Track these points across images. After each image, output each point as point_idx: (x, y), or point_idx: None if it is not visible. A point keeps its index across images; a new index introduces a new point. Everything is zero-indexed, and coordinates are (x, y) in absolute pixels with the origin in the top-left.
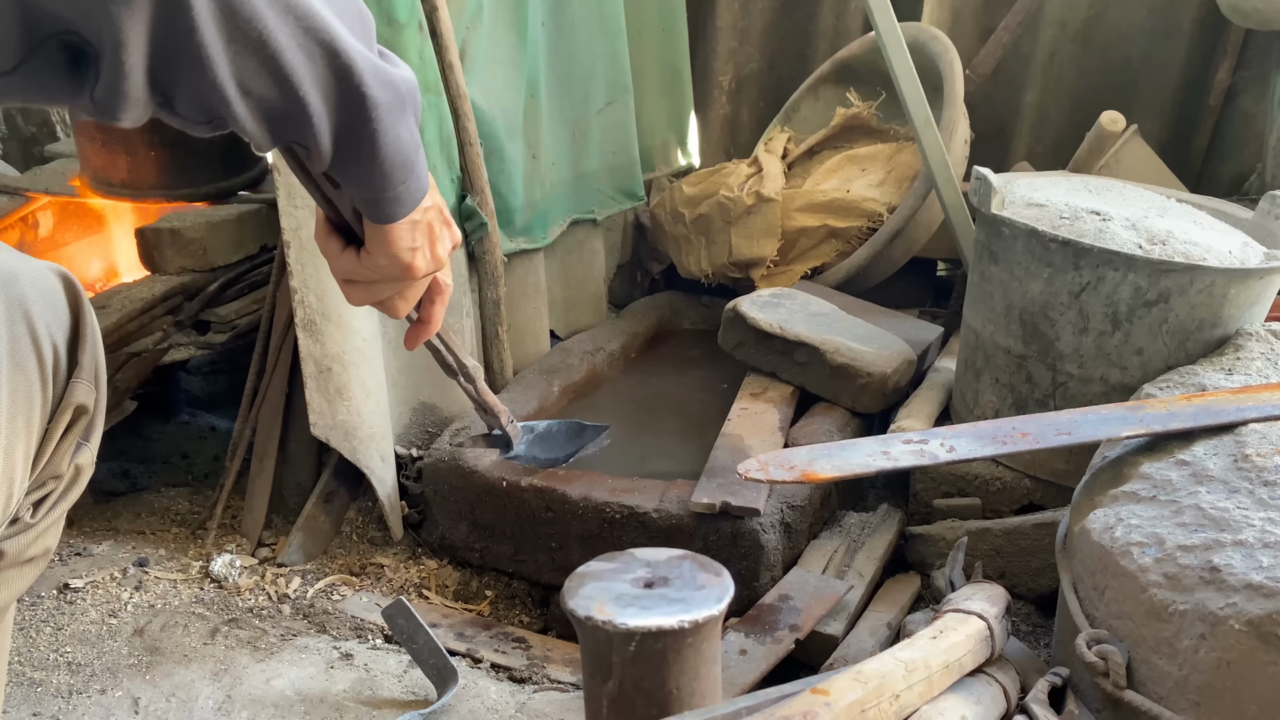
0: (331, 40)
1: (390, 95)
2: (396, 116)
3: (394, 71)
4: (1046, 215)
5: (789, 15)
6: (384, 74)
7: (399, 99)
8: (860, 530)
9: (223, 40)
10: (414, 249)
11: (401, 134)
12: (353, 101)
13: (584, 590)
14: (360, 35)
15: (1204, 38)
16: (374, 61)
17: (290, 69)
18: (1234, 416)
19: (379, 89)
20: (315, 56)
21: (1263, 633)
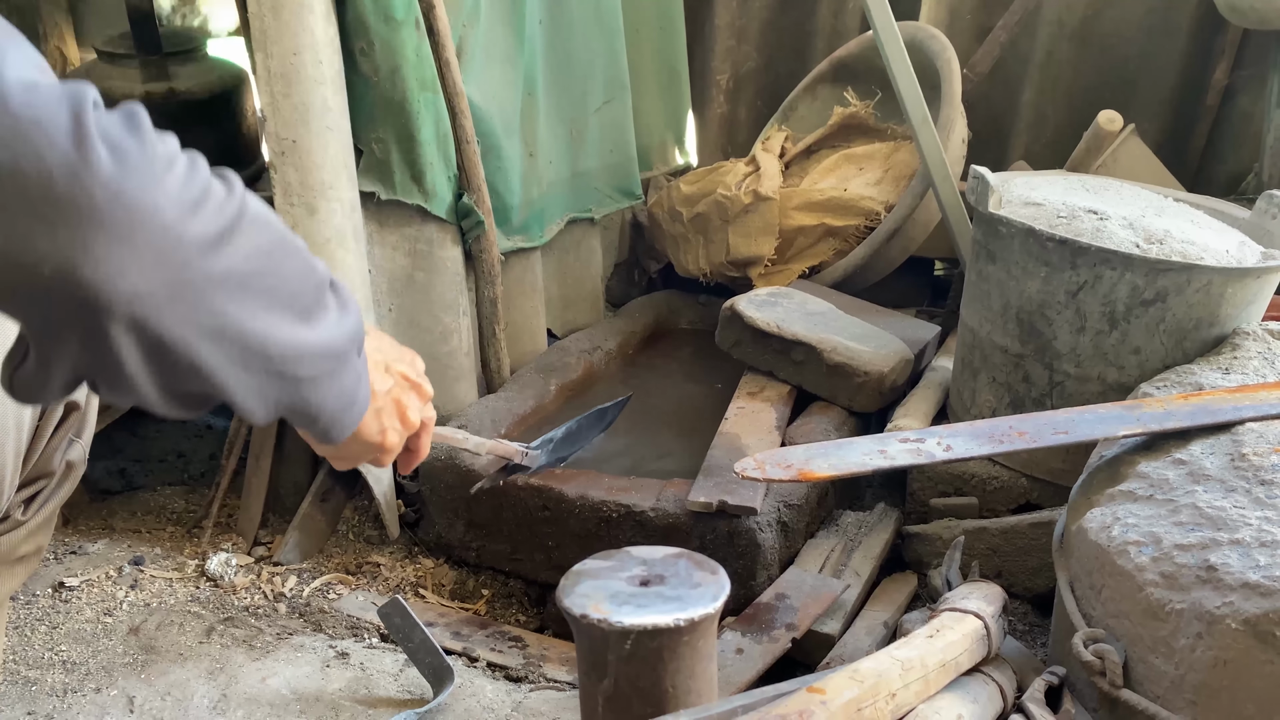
0: (267, 350)
1: (329, 364)
2: (337, 376)
3: (336, 337)
4: (1044, 214)
5: (786, 14)
6: (325, 349)
7: (338, 362)
8: (857, 529)
9: (148, 370)
10: (383, 430)
11: (344, 384)
12: (286, 388)
13: (579, 588)
14: (301, 307)
15: (1201, 37)
16: (317, 344)
17: (221, 380)
18: (1231, 416)
19: (315, 367)
20: (251, 366)
21: (1259, 631)
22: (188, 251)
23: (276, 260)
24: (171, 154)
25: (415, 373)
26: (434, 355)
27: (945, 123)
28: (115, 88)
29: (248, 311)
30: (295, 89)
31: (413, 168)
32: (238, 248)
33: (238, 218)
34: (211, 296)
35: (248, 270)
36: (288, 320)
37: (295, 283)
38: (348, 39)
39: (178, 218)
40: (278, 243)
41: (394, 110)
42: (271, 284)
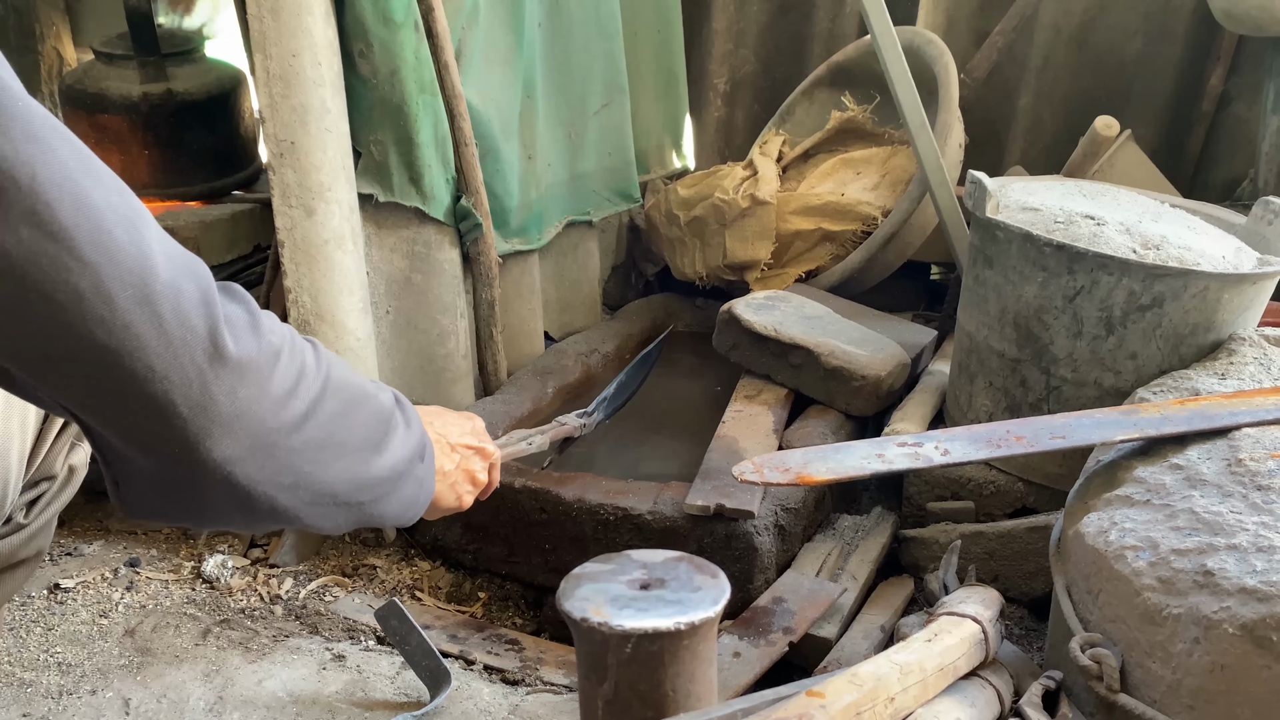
0: (335, 489)
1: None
2: (400, 489)
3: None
4: (1041, 219)
5: (784, 18)
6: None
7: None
8: (854, 533)
9: (234, 510)
10: (458, 497)
11: (405, 493)
12: (355, 511)
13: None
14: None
15: (1197, 43)
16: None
17: (296, 516)
18: (1227, 421)
19: (380, 489)
20: (321, 503)
21: (1257, 636)
22: (277, 435)
23: (349, 418)
24: (278, 347)
25: (476, 439)
26: (431, 357)
27: (942, 127)
28: (112, 88)
29: (320, 466)
30: (294, 90)
31: (411, 170)
32: (317, 421)
33: (320, 393)
34: (291, 461)
35: (323, 436)
36: (355, 462)
37: (363, 430)
38: (347, 41)
39: (273, 412)
40: (351, 401)
41: (392, 112)
42: (342, 439)
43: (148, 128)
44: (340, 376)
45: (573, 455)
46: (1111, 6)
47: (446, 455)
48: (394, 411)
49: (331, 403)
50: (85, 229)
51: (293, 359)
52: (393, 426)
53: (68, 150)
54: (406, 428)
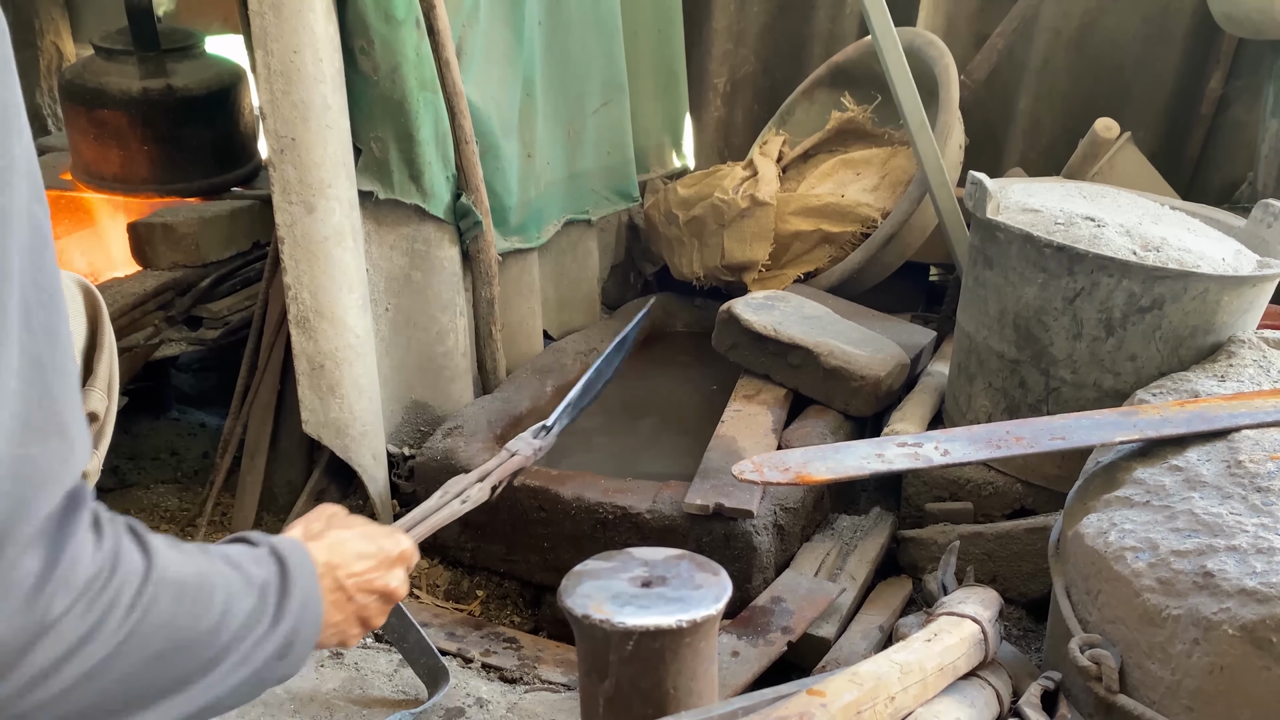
0: None
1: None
2: (221, 707)
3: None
4: (1041, 221)
5: (784, 18)
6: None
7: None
8: (852, 533)
9: None
10: (343, 639)
11: (238, 699)
12: None
13: (581, 589)
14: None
15: (1197, 46)
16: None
17: None
18: (1227, 423)
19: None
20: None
21: (1256, 638)
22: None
23: (151, 672)
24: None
25: (386, 580)
26: (430, 355)
27: (943, 129)
28: (112, 84)
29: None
30: (295, 87)
31: (411, 167)
32: (91, 687)
33: (107, 657)
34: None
35: (96, 701)
36: (153, 710)
37: (171, 675)
38: (348, 37)
39: (17, 694)
40: (164, 653)
41: (393, 109)
42: (133, 694)
43: (147, 123)
44: (158, 621)
45: (572, 454)
46: (1111, 9)
47: (339, 608)
48: (251, 619)
49: (125, 663)
50: None
51: (82, 622)
52: (232, 646)
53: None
54: (271, 628)
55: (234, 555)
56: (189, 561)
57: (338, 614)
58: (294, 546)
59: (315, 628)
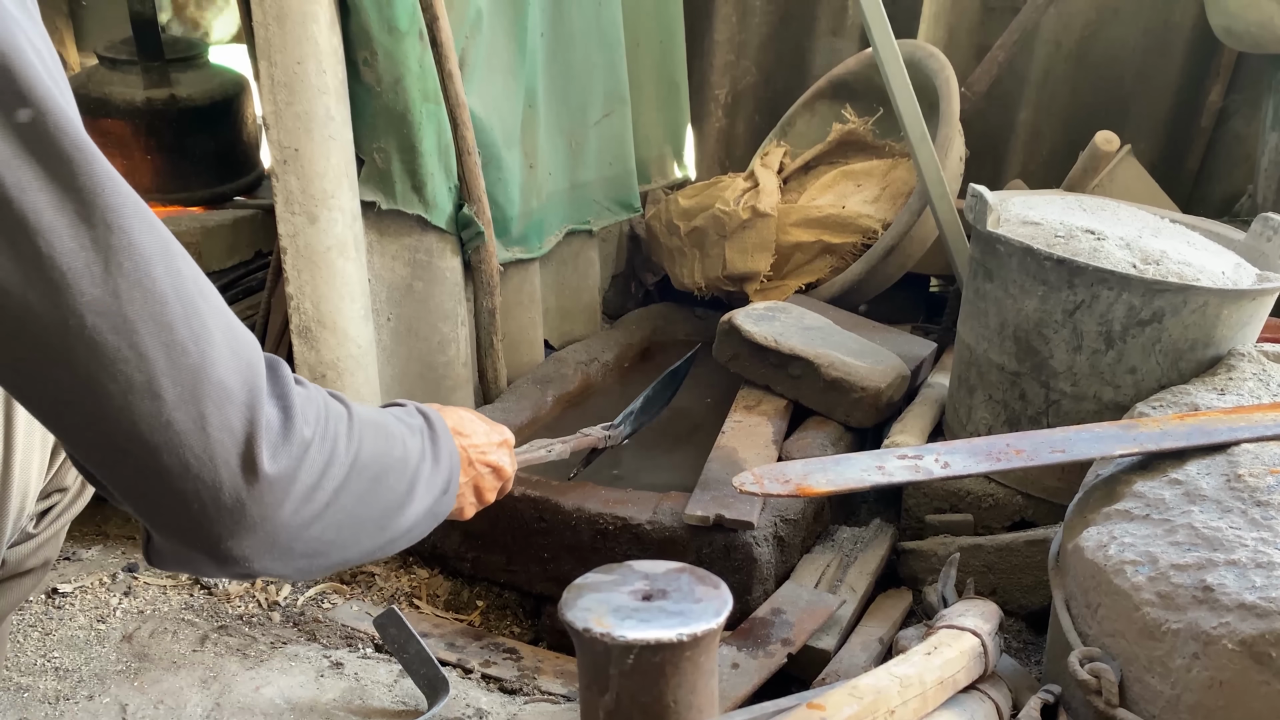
0: (352, 557)
1: (402, 541)
2: (412, 537)
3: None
4: (1041, 233)
5: (786, 30)
6: (408, 527)
7: (418, 525)
8: (853, 545)
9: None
10: (460, 510)
11: (417, 533)
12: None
13: (582, 602)
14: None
15: (1196, 59)
16: (397, 529)
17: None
18: (1227, 436)
19: (390, 549)
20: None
21: (1255, 652)
22: (298, 531)
23: (374, 493)
24: (308, 442)
25: (497, 456)
26: (431, 364)
27: (943, 141)
28: (116, 93)
29: (339, 545)
30: (298, 98)
31: (414, 178)
32: (340, 506)
33: (346, 478)
34: (310, 546)
35: (343, 519)
36: (376, 529)
37: (388, 498)
38: (351, 49)
39: (295, 511)
40: (379, 474)
41: (396, 120)
42: (365, 514)
43: (151, 133)
44: (370, 451)
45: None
46: (1112, 22)
47: (464, 470)
48: (422, 456)
49: (357, 483)
50: (149, 322)
51: (322, 449)
52: (418, 478)
53: (148, 238)
54: (434, 465)
55: (394, 410)
56: (373, 410)
57: (463, 475)
58: (429, 407)
59: (458, 474)
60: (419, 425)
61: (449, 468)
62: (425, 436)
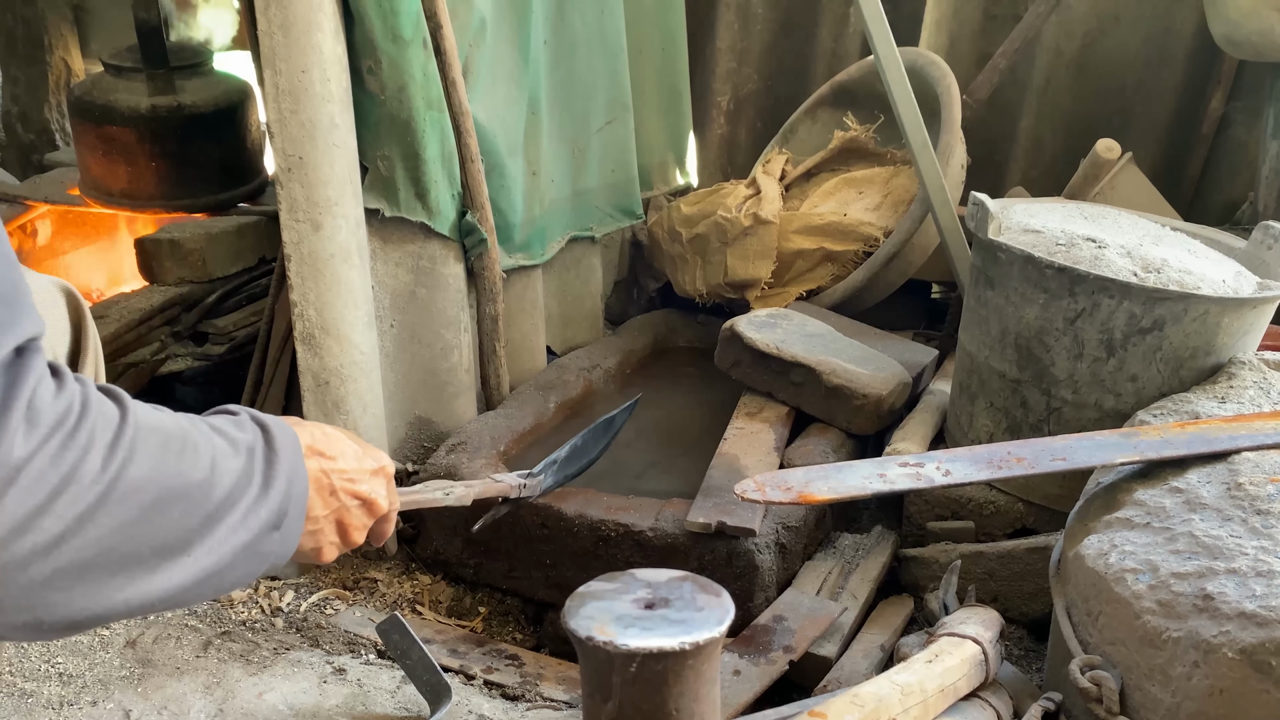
0: (102, 615)
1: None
2: (216, 584)
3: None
4: (1043, 241)
5: (787, 37)
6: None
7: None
8: (854, 552)
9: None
10: (318, 549)
11: (228, 581)
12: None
13: (585, 610)
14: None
15: (1198, 67)
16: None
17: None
18: (1227, 445)
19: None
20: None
21: (1256, 661)
22: (8, 571)
23: (145, 527)
24: (21, 459)
25: (370, 486)
26: (434, 371)
27: (945, 149)
28: (121, 100)
29: (78, 596)
30: (303, 106)
31: (417, 185)
32: (84, 538)
33: (97, 503)
34: (28, 597)
35: (91, 555)
36: (145, 576)
37: (167, 534)
38: (355, 57)
39: (3, 540)
40: (157, 503)
41: (400, 128)
42: (125, 553)
43: (155, 140)
44: (146, 470)
45: None
46: (1113, 30)
47: (325, 498)
48: (242, 480)
49: (118, 511)
50: None
51: (55, 462)
52: (228, 507)
53: None
54: (262, 492)
55: (215, 420)
56: (168, 417)
57: (320, 506)
58: (276, 420)
59: (303, 504)
60: (247, 441)
61: (284, 495)
62: (254, 456)
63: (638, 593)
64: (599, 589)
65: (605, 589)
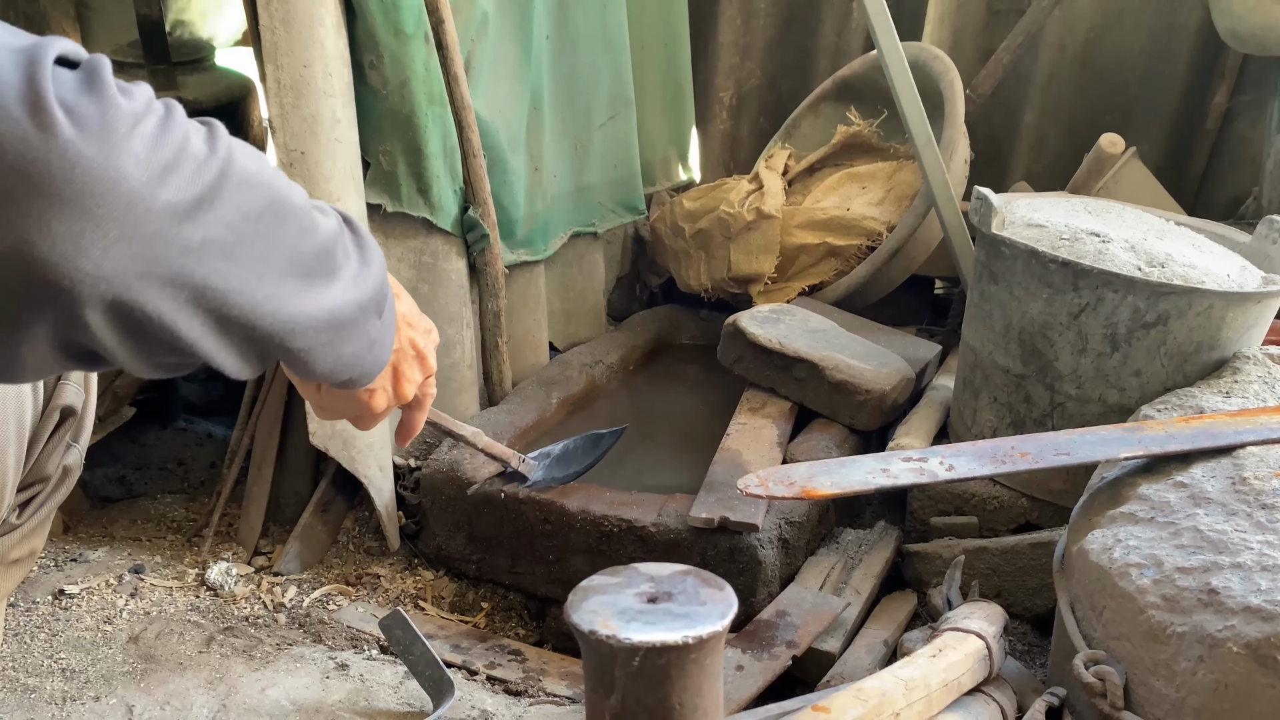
0: (252, 320)
1: (327, 335)
2: (335, 346)
3: (341, 305)
4: (1046, 236)
5: (790, 32)
6: (326, 319)
7: (341, 332)
8: (857, 547)
9: (126, 346)
10: (371, 391)
11: (342, 354)
12: (275, 355)
13: (588, 604)
14: (300, 274)
15: (1202, 62)
16: (314, 313)
17: (201, 351)
18: (1232, 439)
19: (309, 339)
20: (231, 338)
21: (1260, 655)
22: (158, 222)
23: (268, 225)
24: (138, 112)
25: (426, 342)
26: (437, 367)
27: (948, 143)
28: None
29: (232, 283)
30: (305, 101)
31: (419, 180)
32: (219, 214)
33: (219, 180)
34: (188, 269)
35: (230, 238)
36: (282, 289)
37: (291, 248)
38: (357, 52)
39: (144, 185)
40: (270, 205)
41: (402, 123)
42: (260, 252)
43: None
44: (252, 171)
45: None
46: (1116, 24)
47: (398, 329)
48: (342, 239)
49: (238, 198)
50: None
51: (167, 131)
52: (341, 257)
53: None
54: (363, 265)
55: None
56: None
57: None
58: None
59: (394, 308)
60: (334, 217)
61: (380, 282)
62: (344, 231)
63: (640, 587)
64: (602, 583)
65: (608, 583)
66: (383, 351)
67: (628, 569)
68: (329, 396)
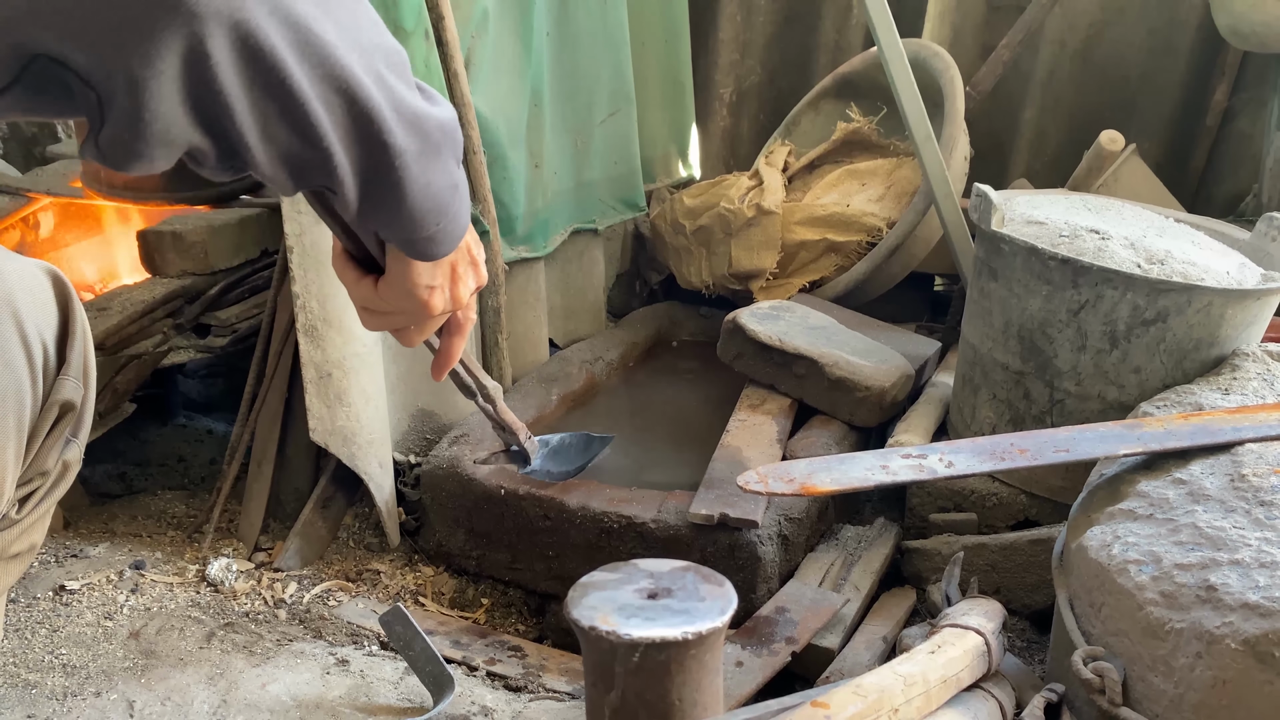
0: (351, 86)
1: (418, 142)
2: (427, 162)
3: (427, 115)
4: (1046, 233)
5: (790, 29)
6: (412, 118)
7: (429, 144)
8: (857, 544)
9: (243, 87)
10: (431, 287)
11: (433, 180)
12: (375, 149)
13: (588, 600)
14: (387, 77)
15: (1202, 59)
16: (401, 106)
17: (312, 117)
18: (1231, 436)
19: (404, 136)
20: (334, 105)
21: (1259, 652)
22: None
23: (361, 22)
24: None
25: (479, 252)
26: None
27: (948, 140)
28: None
29: (329, 34)
30: None
31: None
32: None
33: None
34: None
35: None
36: (373, 65)
37: (372, 29)
38: None
39: None
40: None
41: None
42: (348, 17)
43: None
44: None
45: None
46: (1117, 21)
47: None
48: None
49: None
50: None
51: None
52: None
53: None
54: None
55: None
56: None
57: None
58: None
59: (466, 188)
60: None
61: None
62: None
63: (640, 583)
64: (602, 579)
65: (608, 579)
66: (462, 209)
67: (627, 565)
68: (387, 291)
